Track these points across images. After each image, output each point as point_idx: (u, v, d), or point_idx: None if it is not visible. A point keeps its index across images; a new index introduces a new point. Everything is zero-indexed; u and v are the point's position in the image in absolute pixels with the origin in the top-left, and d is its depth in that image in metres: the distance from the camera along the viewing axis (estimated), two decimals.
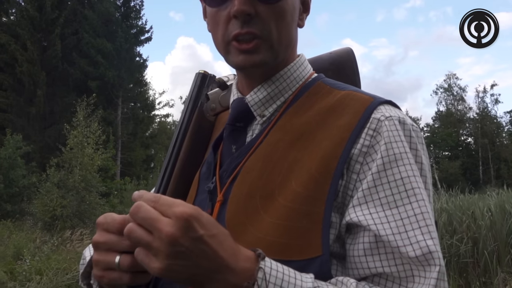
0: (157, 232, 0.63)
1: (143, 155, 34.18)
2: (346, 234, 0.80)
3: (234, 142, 0.94)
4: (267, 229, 0.79)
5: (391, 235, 0.75)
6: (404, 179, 0.78)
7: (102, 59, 29.86)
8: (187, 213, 0.63)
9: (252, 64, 0.88)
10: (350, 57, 1.12)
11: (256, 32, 0.85)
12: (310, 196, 0.79)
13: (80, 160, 15.52)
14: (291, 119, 0.89)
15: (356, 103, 0.86)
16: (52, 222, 14.19)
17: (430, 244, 0.73)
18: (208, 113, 1.06)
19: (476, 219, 7.60)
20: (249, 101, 0.94)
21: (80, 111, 16.65)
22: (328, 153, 0.81)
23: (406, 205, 0.76)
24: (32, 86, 27.52)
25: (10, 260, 8.10)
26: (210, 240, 0.64)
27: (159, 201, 0.65)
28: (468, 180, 42.34)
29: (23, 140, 20.03)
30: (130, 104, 34.00)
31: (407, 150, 0.80)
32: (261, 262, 0.68)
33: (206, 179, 0.96)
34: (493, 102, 51.48)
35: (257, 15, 0.85)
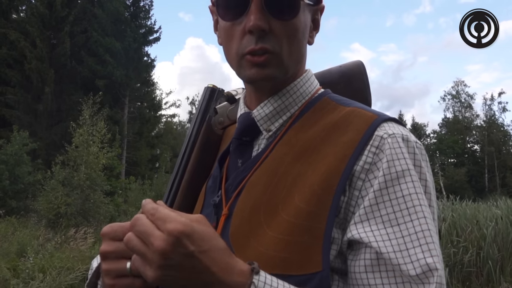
0: (150, 245, 0.66)
1: (149, 155, 34.27)
2: (348, 251, 0.81)
3: (240, 156, 0.95)
4: (269, 244, 0.79)
5: (392, 252, 0.75)
6: (406, 196, 0.78)
7: (110, 58, 29.98)
8: (177, 230, 0.65)
9: (263, 77, 0.89)
10: (361, 69, 1.12)
11: (269, 48, 0.86)
12: (312, 212, 0.79)
13: (85, 158, 15.56)
14: (296, 134, 0.90)
15: (360, 120, 0.86)
16: (56, 219, 14.23)
17: (430, 262, 0.73)
18: (216, 127, 1.07)
19: (481, 228, 7.57)
20: (256, 115, 0.95)
21: (86, 109, 16.69)
22: (331, 169, 0.81)
23: (408, 223, 0.76)
24: (40, 83, 27.66)
25: (14, 257, 8.13)
26: (201, 255, 0.66)
27: (156, 214, 0.67)
28: (474, 187, 42.19)
29: (30, 137, 20.12)
30: (137, 103, 34.11)
31: (410, 167, 0.80)
32: (255, 277, 0.69)
33: (212, 193, 0.97)
34: (500, 110, 51.30)
35: (271, 31, 0.86)
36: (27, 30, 27.73)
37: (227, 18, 0.90)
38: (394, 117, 0.89)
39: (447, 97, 54.03)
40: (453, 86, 54.89)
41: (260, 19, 0.84)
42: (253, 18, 0.84)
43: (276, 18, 0.86)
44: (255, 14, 0.84)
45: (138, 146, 32.76)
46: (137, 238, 0.67)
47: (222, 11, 0.91)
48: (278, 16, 0.86)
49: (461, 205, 9.65)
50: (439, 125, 55.79)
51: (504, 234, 7.31)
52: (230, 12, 0.89)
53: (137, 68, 32.09)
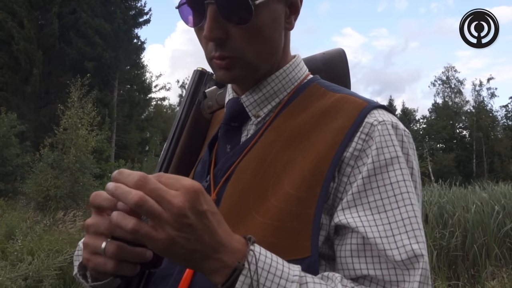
0: (167, 203, 0.63)
1: (138, 138, 34.16)
2: (335, 236, 0.81)
3: (229, 141, 0.95)
4: (258, 229, 0.80)
5: (378, 238, 0.76)
6: (394, 184, 0.79)
7: (100, 39, 29.65)
8: (196, 186, 0.64)
9: (230, 79, 0.91)
10: (342, 57, 1.13)
11: (229, 55, 0.86)
12: (302, 198, 0.79)
13: (74, 141, 15.45)
14: (285, 120, 0.90)
15: (350, 107, 0.86)
16: (45, 202, 14.17)
17: (415, 248, 0.74)
18: (205, 111, 1.07)
19: (467, 213, 7.66)
20: (244, 101, 0.95)
21: (74, 91, 16.52)
22: (321, 156, 0.82)
23: (395, 210, 0.77)
24: (28, 65, 27.34)
25: (2, 239, 8.09)
26: (212, 216, 0.66)
27: (163, 175, 0.66)
28: (462, 173, 42.58)
29: (18, 119, 19.94)
30: (127, 86, 33.88)
31: (399, 154, 0.81)
32: (251, 246, 0.70)
33: (201, 178, 0.97)
34: (489, 96, 51.60)
35: (229, 37, 0.85)
36: (15, 10, 27.28)
37: (190, 24, 0.90)
38: (383, 104, 0.89)
39: (437, 82, 54.23)
40: (443, 71, 55.17)
41: (213, 28, 0.83)
42: (206, 28, 0.84)
43: (233, 24, 0.84)
44: (208, 24, 0.83)
45: (127, 129, 32.61)
46: (151, 199, 0.63)
47: (185, 18, 0.90)
48: (233, 22, 0.84)
49: (449, 190, 9.76)
50: (429, 110, 56.13)
51: (489, 219, 7.40)
52: (192, 18, 0.89)
53: (126, 50, 31.79)
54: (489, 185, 10.71)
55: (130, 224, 0.63)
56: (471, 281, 6.61)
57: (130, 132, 32.82)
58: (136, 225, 0.63)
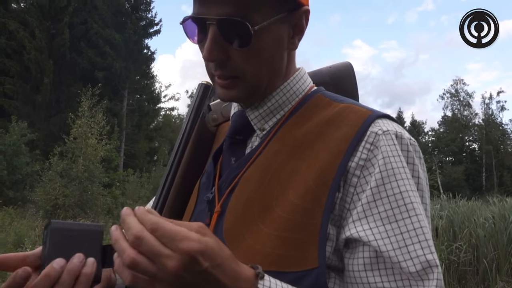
0: (162, 265, 0.62)
1: (147, 148, 34.29)
2: (345, 249, 0.81)
3: (234, 154, 0.95)
4: (265, 240, 0.80)
5: (391, 250, 0.75)
6: (403, 193, 0.78)
7: (110, 50, 29.91)
8: (193, 250, 0.61)
9: (229, 99, 0.91)
10: (349, 71, 1.13)
11: (230, 75, 0.87)
12: (307, 208, 0.79)
13: (83, 150, 15.55)
14: (290, 131, 0.90)
15: (354, 116, 0.86)
16: (54, 210, 14.24)
17: (430, 258, 0.74)
18: (209, 124, 1.07)
19: (477, 227, 7.59)
20: (249, 115, 0.95)
21: (85, 101, 16.66)
22: (326, 165, 0.81)
23: (406, 219, 0.77)
24: (39, 74, 27.60)
25: (11, 247, 8.13)
26: (214, 270, 0.64)
27: (158, 230, 0.63)
28: (471, 186, 42.29)
29: (28, 128, 20.11)
30: (136, 96, 34.09)
31: (404, 164, 0.81)
32: (260, 282, 0.69)
33: (206, 189, 0.97)
34: (499, 109, 51.32)
35: (230, 58, 0.86)
36: (27, 20, 27.63)
37: (194, 41, 0.91)
38: (388, 113, 0.89)
39: (446, 95, 54.05)
40: (452, 84, 54.87)
41: (213, 50, 0.84)
42: (206, 49, 0.84)
43: (233, 46, 0.85)
44: (208, 45, 0.84)
45: (136, 139, 32.75)
46: (145, 259, 0.62)
47: (189, 34, 0.91)
48: (233, 45, 0.84)
49: (458, 203, 9.67)
50: (438, 123, 55.88)
51: (500, 233, 7.33)
52: (195, 36, 0.90)
53: (136, 60, 32.05)
54: (498, 199, 10.61)
55: (128, 280, 0.64)
56: None
57: (139, 141, 32.95)
58: (132, 281, 0.64)
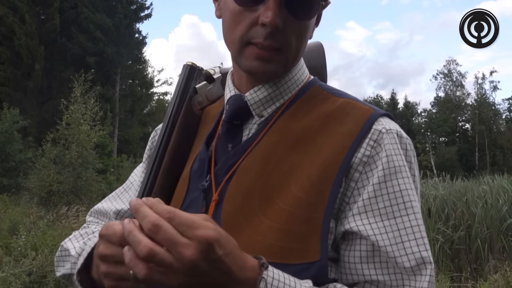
0: (178, 254, 0.62)
1: (140, 133, 34.15)
2: (341, 240, 0.83)
3: (230, 140, 0.94)
4: (266, 232, 0.80)
5: (389, 246, 0.78)
6: (403, 191, 0.81)
7: (101, 34, 29.61)
8: (211, 237, 0.62)
9: (265, 71, 0.88)
10: (320, 51, 1.13)
11: (277, 46, 0.85)
12: (311, 202, 0.80)
13: (76, 136, 15.48)
14: (289, 122, 0.90)
15: (357, 113, 0.88)
16: (48, 197, 14.21)
17: (424, 255, 0.78)
18: (195, 107, 1.04)
19: (470, 206, 7.66)
20: (249, 99, 0.93)
21: (77, 86, 16.52)
22: (329, 160, 0.82)
23: (404, 217, 0.80)
24: (30, 60, 27.32)
25: (6, 235, 8.12)
26: (227, 258, 0.65)
27: (175, 219, 0.63)
28: (464, 166, 42.58)
29: (20, 114, 19.95)
30: (129, 81, 33.88)
31: (404, 163, 0.84)
32: (264, 272, 0.70)
33: (199, 177, 0.94)
34: (491, 89, 51.44)
35: (283, 29, 0.83)
36: (16, 5, 27.23)
37: (240, 2, 0.85)
38: (388, 112, 0.91)
39: (439, 75, 54.09)
40: (445, 65, 54.85)
41: (278, 16, 0.81)
42: (272, 15, 0.81)
43: (294, 17, 0.84)
44: (274, 10, 0.81)
45: (129, 124, 32.64)
46: (161, 250, 0.62)
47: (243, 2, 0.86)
48: (296, 16, 0.83)
49: (452, 183, 9.74)
50: (431, 104, 55.99)
51: (493, 212, 7.40)
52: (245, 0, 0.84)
53: (128, 45, 31.77)
54: (492, 178, 10.69)
55: (142, 273, 0.63)
56: (474, 274, 6.62)
57: (132, 127, 32.85)
58: (147, 274, 0.63)
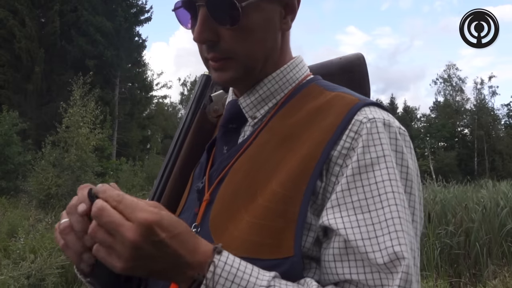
0: (120, 236, 0.65)
1: (140, 136, 34.19)
2: (324, 238, 0.80)
3: (226, 143, 0.95)
4: (243, 228, 0.80)
5: (360, 240, 0.74)
6: (379, 183, 0.76)
7: (101, 37, 29.63)
8: (148, 220, 0.65)
9: (224, 81, 0.91)
10: (360, 62, 1.11)
11: (221, 56, 0.87)
12: (287, 196, 0.78)
13: (76, 139, 15.47)
14: (281, 121, 0.89)
15: (341, 104, 0.85)
16: (47, 200, 14.19)
17: (397, 250, 0.72)
18: (210, 115, 1.07)
19: (470, 211, 7.65)
20: (241, 103, 0.94)
21: (76, 89, 16.52)
22: (308, 153, 0.80)
23: (379, 210, 0.75)
24: (30, 63, 27.34)
25: (4, 238, 8.11)
26: (171, 241, 0.67)
27: (122, 201, 0.67)
28: (463, 171, 42.55)
29: (20, 117, 19.96)
30: (128, 84, 33.90)
31: (386, 153, 0.78)
32: (216, 256, 0.71)
33: (198, 179, 0.98)
34: (490, 94, 51.49)
35: (221, 39, 0.86)
36: (16, 8, 27.26)
37: (185, 26, 0.91)
38: (376, 101, 0.87)
39: (438, 80, 54.15)
40: (444, 70, 54.96)
41: (203, 31, 0.85)
42: (196, 31, 0.85)
43: (223, 26, 0.85)
44: (198, 27, 0.85)
45: (129, 127, 32.63)
46: (102, 231, 0.67)
47: (181, 21, 0.92)
48: (223, 24, 0.84)
49: (450, 189, 9.74)
50: (430, 109, 56.00)
51: (492, 218, 7.40)
52: (186, 20, 0.91)
53: (128, 48, 31.80)
54: (490, 183, 10.69)
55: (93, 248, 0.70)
56: (473, 280, 6.61)
57: (132, 130, 32.84)
58: (95, 250, 0.69)
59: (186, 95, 49.68)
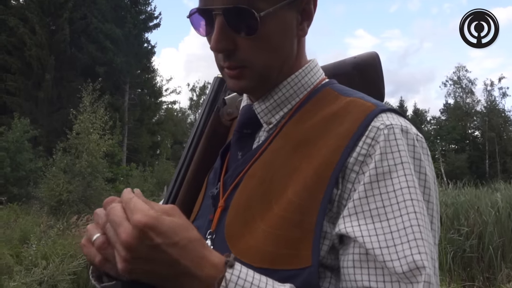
0: (118, 236, 0.66)
1: (149, 142, 34.35)
2: (340, 245, 0.78)
3: (241, 148, 0.94)
4: (259, 237, 0.78)
5: (378, 248, 0.72)
6: (397, 191, 0.75)
7: (111, 44, 29.88)
8: (141, 223, 0.64)
9: (239, 89, 0.91)
10: (375, 61, 1.09)
11: (238, 65, 0.87)
12: (303, 205, 0.77)
13: (86, 145, 15.57)
14: (295, 126, 0.88)
15: (358, 110, 0.83)
16: (58, 206, 14.28)
17: (417, 259, 0.70)
18: (224, 118, 1.06)
19: (482, 214, 7.58)
20: (256, 108, 0.94)
21: (86, 96, 16.65)
22: (324, 161, 0.79)
23: (397, 218, 0.73)
24: (40, 70, 27.61)
25: (17, 244, 8.15)
26: (170, 248, 0.65)
27: (129, 202, 0.68)
28: (474, 173, 42.21)
29: (31, 124, 20.13)
30: (137, 90, 34.11)
31: (404, 160, 0.77)
32: (228, 270, 0.68)
33: (212, 185, 0.96)
34: (501, 96, 51.11)
35: (237, 48, 0.85)
36: (26, 16, 27.57)
37: (201, 33, 0.90)
38: (394, 107, 0.86)
39: (448, 82, 53.85)
40: (454, 71, 54.57)
41: (221, 40, 0.84)
42: (213, 40, 0.84)
43: (241, 35, 0.84)
44: (215, 36, 0.84)
45: (139, 133, 32.81)
46: (110, 228, 0.68)
47: (196, 27, 0.91)
48: (240, 33, 0.84)
49: (462, 191, 9.66)
50: (440, 111, 55.69)
51: (505, 220, 7.32)
52: (202, 28, 0.90)
53: (137, 54, 32.03)
54: (502, 185, 10.59)
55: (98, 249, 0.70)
56: (486, 283, 6.55)
57: (141, 136, 33.01)
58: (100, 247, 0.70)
59: (195, 101, 49.80)
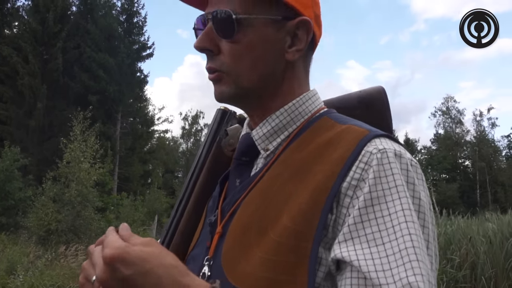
0: (95, 276, 0.68)
1: (141, 171, 34.20)
2: (337, 272, 0.77)
3: (239, 176, 0.95)
4: (256, 264, 0.78)
5: (373, 272, 0.71)
6: (392, 215, 0.75)
7: (103, 73, 30.04)
8: (108, 256, 0.65)
9: (218, 94, 0.93)
10: (381, 95, 1.09)
11: (217, 68, 0.90)
12: (299, 231, 0.77)
13: (76, 174, 15.46)
14: (292, 154, 0.89)
15: (351, 136, 0.84)
16: (47, 236, 14.09)
17: (412, 280, 0.69)
18: (226, 149, 1.07)
19: (474, 244, 7.56)
20: (254, 135, 0.95)
21: (77, 124, 16.63)
22: (319, 187, 0.79)
23: (393, 241, 0.73)
24: (32, 99, 27.62)
25: (3, 275, 8.01)
26: (142, 278, 0.65)
27: (104, 241, 0.70)
28: (465, 203, 42.35)
29: (21, 153, 20.03)
30: (130, 119, 34.17)
31: (398, 183, 0.77)
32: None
33: (211, 212, 0.97)
34: (490, 126, 51.73)
35: (220, 51, 0.90)
36: (20, 45, 27.75)
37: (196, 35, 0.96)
38: (387, 133, 0.86)
39: (437, 113, 54.49)
40: (443, 102, 55.30)
41: (203, 40, 0.90)
42: (198, 39, 0.90)
43: (221, 37, 0.89)
44: (200, 35, 0.90)
45: (130, 162, 32.69)
46: (90, 268, 0.71)
47: (197, 36, 0.94)
48: (221, 36, 0.89)
49: (453, 221, 9.66)
50: (431, 141, 56.18)
51: (498, 250, 7.31)
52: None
53: (130, 83, 32.18)
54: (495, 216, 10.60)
55: None
56: None
57: (133, 164, 32.89)
58: None
59: (187, 129, 49.87)
